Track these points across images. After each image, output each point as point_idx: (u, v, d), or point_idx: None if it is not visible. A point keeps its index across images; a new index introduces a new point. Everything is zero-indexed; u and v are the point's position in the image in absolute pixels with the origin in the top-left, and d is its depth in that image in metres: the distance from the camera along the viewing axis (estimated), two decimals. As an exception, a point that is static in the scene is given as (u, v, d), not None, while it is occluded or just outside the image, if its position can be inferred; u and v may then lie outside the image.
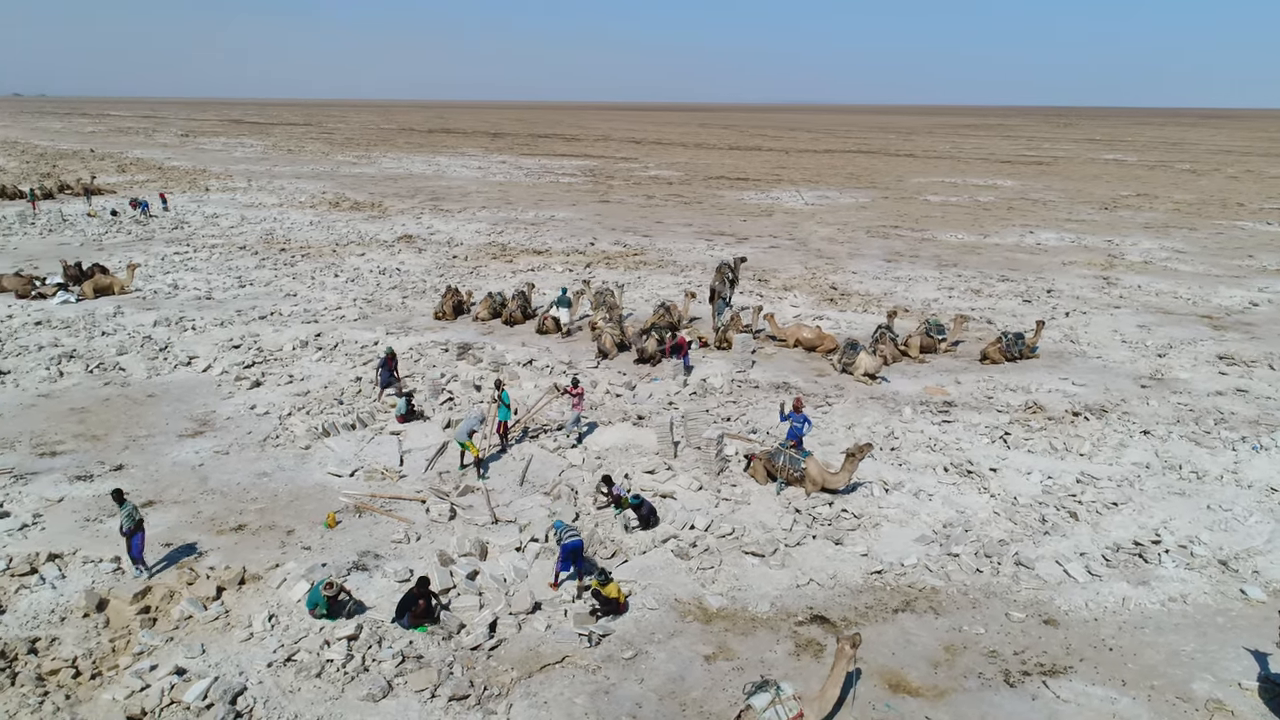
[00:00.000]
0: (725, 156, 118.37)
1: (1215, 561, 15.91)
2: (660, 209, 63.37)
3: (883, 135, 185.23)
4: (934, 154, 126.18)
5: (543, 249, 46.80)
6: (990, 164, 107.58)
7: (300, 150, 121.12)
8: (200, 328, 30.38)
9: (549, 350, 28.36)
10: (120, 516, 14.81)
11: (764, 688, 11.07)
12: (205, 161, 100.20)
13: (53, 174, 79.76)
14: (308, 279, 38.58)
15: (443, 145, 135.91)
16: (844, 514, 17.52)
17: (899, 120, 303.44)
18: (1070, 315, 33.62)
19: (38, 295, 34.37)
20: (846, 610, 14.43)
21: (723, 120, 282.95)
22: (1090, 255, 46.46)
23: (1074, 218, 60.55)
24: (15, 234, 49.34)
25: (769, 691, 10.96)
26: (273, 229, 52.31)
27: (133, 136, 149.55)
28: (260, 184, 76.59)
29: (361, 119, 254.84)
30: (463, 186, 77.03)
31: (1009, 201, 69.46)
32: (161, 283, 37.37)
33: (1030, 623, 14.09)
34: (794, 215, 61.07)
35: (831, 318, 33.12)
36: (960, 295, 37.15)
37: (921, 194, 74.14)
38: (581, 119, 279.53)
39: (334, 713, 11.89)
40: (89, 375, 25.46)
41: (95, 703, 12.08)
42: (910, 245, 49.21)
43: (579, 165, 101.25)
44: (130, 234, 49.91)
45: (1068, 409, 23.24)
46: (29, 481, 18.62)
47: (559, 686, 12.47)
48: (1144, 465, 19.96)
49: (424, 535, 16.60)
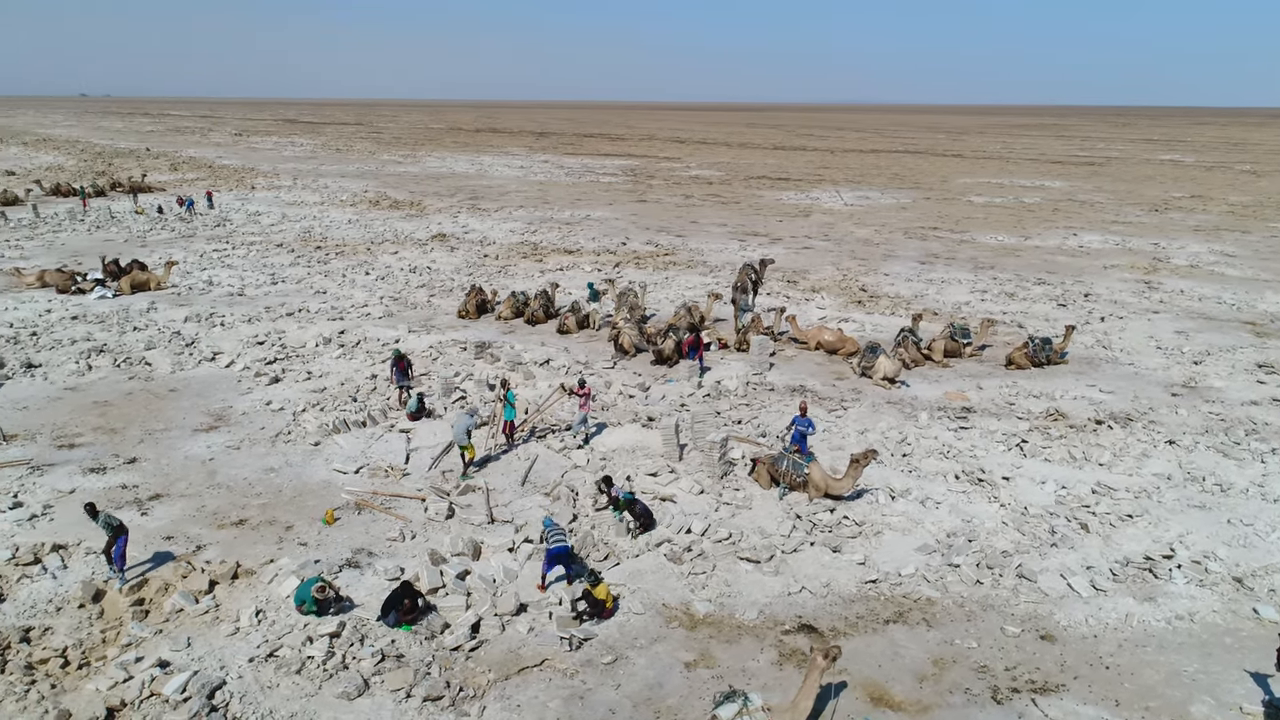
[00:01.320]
0: (768, 156, 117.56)
1: (1229, 579, 15.29)
2: (696, 209, 63.08)
3: (931, 135, 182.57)
4: (983, 154, 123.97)
5: (574, 248, 46.84)
6: (1040, 165, 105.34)
7: (348, 149, 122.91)
8: (229, 324, 30.91)
9: (567, 350, 28.32)
10: (99, 527, 14.84)
11: (731, 698, 10.87)
12: (255, 160, 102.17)
13: (107, 172, 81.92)
14: (339, 277, 39.06)
15: (488, 145, 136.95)
16: (845, 521, 17.18)
17: (950, 120, 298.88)
18: (1105, 320, 32.69)
19: (77, 290, 35.25)
20: (836, 620, 14.13)
21: (771, 120, 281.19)
22: (1134, 258, 45.18)
23: (1121, 220, 59.00)
24: (65, 230, 50.71)
25: (736, 702, 10.75)
26: (311, 227, 53.09)
27: (189, 136, 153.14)
28: (305, 182, 77.85)
29: (412, 118, 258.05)
30: (502, 186, 77.48)
31: (1055, 203, 67.92)
32: (197, 279, 38.12)
33: (1026, 637, 13.66)
34: (832, 216, 60.38)
35: (857, 320, 32.63)
36: (993, 298, 36.36)
37: (965, 195, 72.83)
38: (629, 119, 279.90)
39: (308, 710, 11.94)
40: (115, 369, 26.01)
41: (79, 693, 12.28)
42: (947, 247, 48.33)
43: (620, 165, 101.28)
44: (174, 231, 51.02)
45: (1091, 417, 22.57)
46: (45, 473, 19.06)
47: (534, 690, 12.39)
48: (1165, 476, 19.28)
49: (420, 534, 16.63)
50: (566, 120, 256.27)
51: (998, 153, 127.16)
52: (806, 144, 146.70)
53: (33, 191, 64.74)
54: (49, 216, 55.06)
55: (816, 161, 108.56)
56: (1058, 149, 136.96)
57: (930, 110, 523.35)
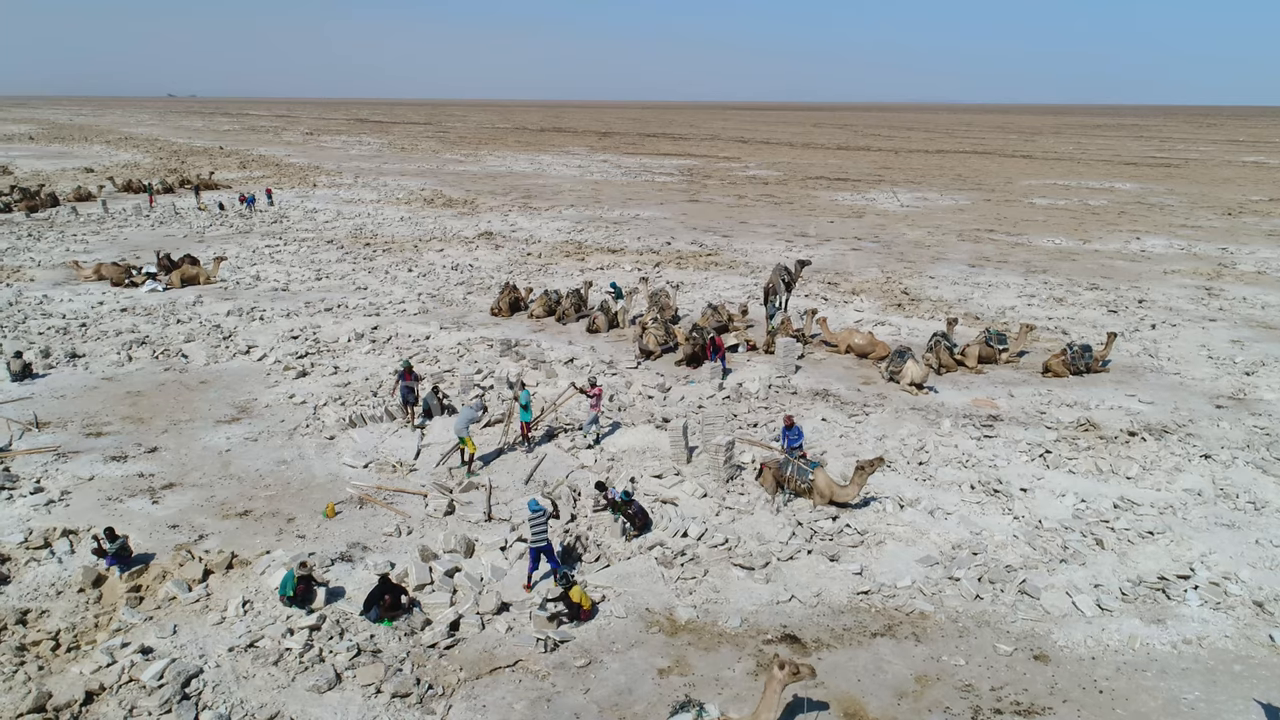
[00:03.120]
0: (830, 156, 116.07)
1: (1250, 602, 14.48)
2: (748, 209, 62.52)
3: (1003, 135, 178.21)
4: (1053, 155, 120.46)
5: (618, 248, 46.79)
6: (1112, 166, 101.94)
7: (413, 149, 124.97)
8: (268, 318, 31.59)
9: (593, 349, 28.25)
10: (114, 546, 15.12)
11: (686, 707, 10.65)
12: (321, 159, 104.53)
13: (179, 170, 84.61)
14: (381, 273, 39.64)
15: (550, 144, 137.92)
16: (847, 529, 16.75)
17: (1024, 120, 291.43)
18: (1157, 327, 31.39)
19: (130, 284, 36.41)
20: (822, 631, 13.76)
21: (839, 120, 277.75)
22: (1197, 264, 43.35)
23: (1190, 223, 56.70)
24: (129, 226, 52.49)
25: (690, 712, 10.51)
26: (363, 224, 54.05)
27: (262, 135, 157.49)
28: (365, 180, 79.35)
29: (480, 118, 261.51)
30: (557, 185, 77.89)
31: (1122, 206, 65.61)
32: (246, 274, 39.08)
33: (1018, 657, 13.12)
34: (885, 217, 59.26)
35: (894, 324, 31.91)
36: (1040, 303, 35.22)
37: (1028, 197, 70.82)
38: (696, 118, 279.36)
39: (278, 701, 12.05)
40: (153, 361, 26.76)
41: (64, 675, 12.60)
42: (1001, 250, 47.02)
43: (678, 164, 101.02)
44: (232, 227, 52.41)
45: (1124, 428, 21.66)
46: (69, 460, 19.66)
47: (502, 691, 12.31)
48: (1195, 492, 18.38)
49: (416, 530, 16.71)
50: (632, 120, 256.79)
51: (1069, 154, 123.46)
52: (871, 144, 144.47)
53: (104, 188, 67.26)
54: (117, 212, 57.06)
55: (879, 162, 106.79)
56: (1133, 150, 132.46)
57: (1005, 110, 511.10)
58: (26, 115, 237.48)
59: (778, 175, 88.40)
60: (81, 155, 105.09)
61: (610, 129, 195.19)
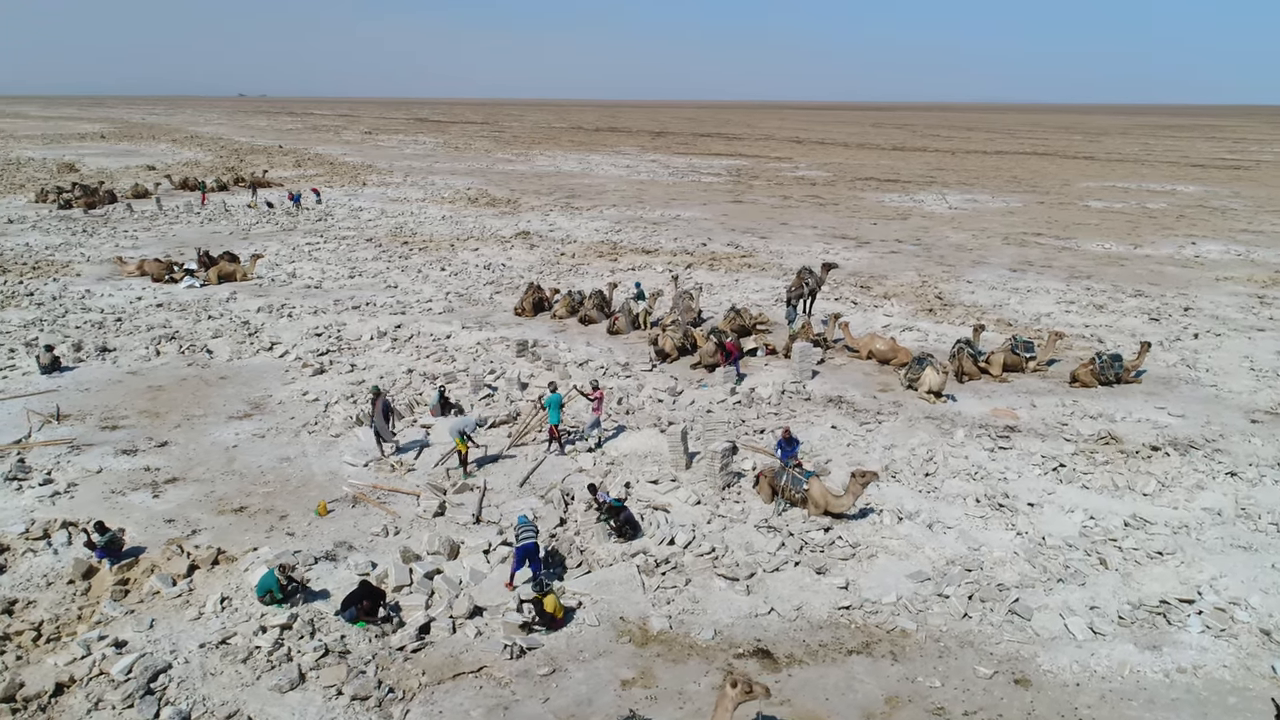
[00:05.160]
0: (884, 157, 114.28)
1: (1256, 630, 13.74)
2: (791, 210, 61.81)
3: (1067, 136, 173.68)
4: (1117, 156, 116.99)
5: (653, 248, 46.58)
6: (1178, 168, 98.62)
7: (466, 148, 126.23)
8: (296, 315, 32.06)
9: (610, 351, 28.10)
10: (104, 539, 15.40)
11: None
12: (375, 158, 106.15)
13: (236, 168, 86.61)
14: (414, 272, 40.00)
15: (602, 144, 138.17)
16: (840, 541, 16.32)
17: (1093, 120, 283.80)
18: (1199, 337, 30.14)
19: (170, 280, 37.29)
20: (796, 646, 13.39)
21: (899, 120, 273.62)
22: (1254, 270, 41.61)
23: (1252, 228, 54.50)
24: (179, 222, 53.86)
25: (633, 728, 10.27)
26: (404, 223, 54.66)
27: (323, 134, 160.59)
28: (414, 180, 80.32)
29: (537, 117, 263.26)
30: (602, 184, 77.94)
31: (1181, 209, 63.36)
32: (283, 271, 39.75)
33: (998, 680, 12.60)
34: (931, 219, 58.07)
35: (923, 329, 31.16)
36: (1079, 310, 34.10)
37: (1083, 199, 68.81)
38: (753, 118, 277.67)
39: (240, 699, 12.11)
40: (179, 356, 27.33)
41: (40, 665, 12.84)
42: (1046, 254, 45.70)
43: (728, 165, 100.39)
44: (277, 225, 53.43)
45: (1148, 442, 20.79)
46: (82, 452, 20.13)
47: (461, 697, 12.21)
48: (1215, 512, 17.54)
49: (404, 530, 16.73)
50: (688, 120, 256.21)
51: (1134, 155, 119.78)
52: (928, 145, 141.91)
53: (161, 185, 69.14)
54: (170, 209, 58.59)
55: (934, 163, 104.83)
56: (1203, 151, 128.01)
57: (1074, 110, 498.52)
58: (103, 114, 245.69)
59: (827, 176, 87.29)
60: (147, 153, 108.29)
61: (665, 129, 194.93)
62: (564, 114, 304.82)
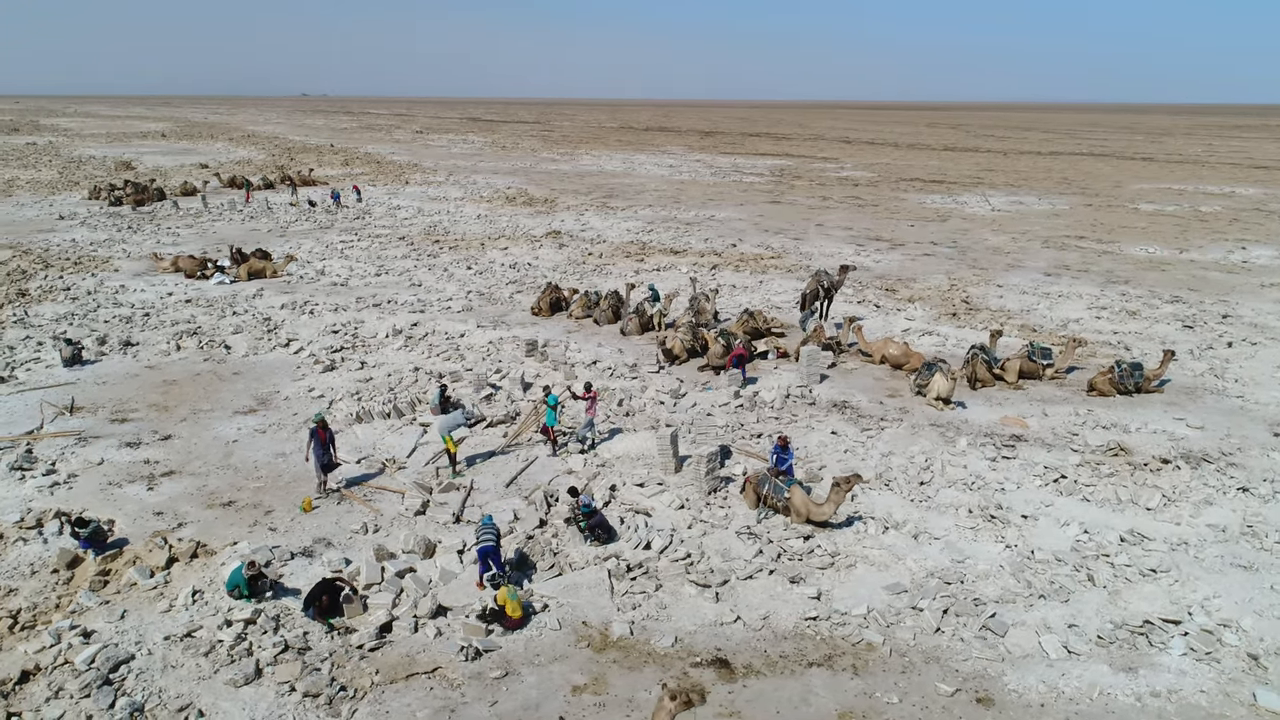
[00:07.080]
0: (933, 158, 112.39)
1: (1244, 654, 13.13)
2: (828, 211, 61.07)
3: (1127, 136, 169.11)
4: (1177, 157, 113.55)
5: (681, 249, 46.35)
6: (1240, 169, 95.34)
7: (513, 148, 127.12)
8: (317, 312, 32.53)
9: (621, 351, 27.99)
10: (86, 531, 15.71)
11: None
12: (422, 157, 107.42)
13: (286, 166, 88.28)
14: (440, 270, 40.33)
15: (649, 143, 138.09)
16: (818, 550, 16.01)
17: (1157, 120, 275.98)
18: (1233, 345, 29.05)
19: (202, 276, 38.11)
20: (756, 656, 13.15)
21: (953, 119, 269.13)
22: (1304, 277, 40.02)
23: (1309, 233, 52.47)
24: (222, 220, 55.05)
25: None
26: (439, 221, 55.17)
27: (375, 133, 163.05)
28: (456, 179, 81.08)
29: (589, 117, 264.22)
30: (641, 184, 77.85)
31: (1236, 212, 61.21)
32: (311, 268, 40.36)
33: (959, 699, 12.22)
34: (971, 221, 56.92)
35: (943, 334, 30.49)
36: (1111, 317, 33.08)
37: (1133, 202, 66.85)
38: (805, 117, 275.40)
39: (195, 692, 12.26)
40: (198, 351, 27.88)
41: (12, 653, 13.13)
42: (1085, 258, 44.47)
43: (772, 165, 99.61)
44: (315, 223, 54.31)
45: (1158, 454, 20.06)
46: (89, 444, 20.62)
47: (410, 698, 12.21)
48: (1219, 528, 16.84)
49: (384, 528, 16.82)
50: (740, 119, 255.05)
51: (1195, 156, 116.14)
52: (980, 145, 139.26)
53: (209, 183, 70.77)
54: (215, 207, 59.92)
55: (984, 164, 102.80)
56: (1269, 152, 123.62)
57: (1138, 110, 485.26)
58: (168, 113, 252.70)
59: (871, 177, 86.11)
60: (203, 152, 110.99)
61: (715, 128, 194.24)
62: (616, 113, 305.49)
